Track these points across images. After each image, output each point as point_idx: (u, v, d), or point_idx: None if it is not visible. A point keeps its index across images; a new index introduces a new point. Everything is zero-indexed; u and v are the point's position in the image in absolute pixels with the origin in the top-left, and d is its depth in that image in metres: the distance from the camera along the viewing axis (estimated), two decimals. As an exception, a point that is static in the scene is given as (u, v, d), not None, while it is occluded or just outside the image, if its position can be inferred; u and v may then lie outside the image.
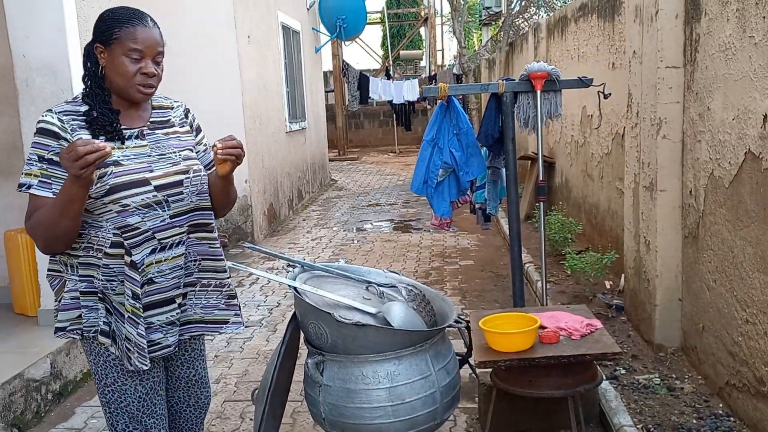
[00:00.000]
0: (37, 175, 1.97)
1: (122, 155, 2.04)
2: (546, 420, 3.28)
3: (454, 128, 4.08)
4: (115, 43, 2.01)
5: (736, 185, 3.13)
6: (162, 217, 2.07)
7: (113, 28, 2.02)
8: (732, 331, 3.22)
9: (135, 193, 2.02)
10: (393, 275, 3.24)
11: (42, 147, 1.98)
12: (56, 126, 1.98)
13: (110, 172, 2.00)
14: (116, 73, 2.03)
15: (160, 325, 2.11)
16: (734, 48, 3.13)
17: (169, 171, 2.10)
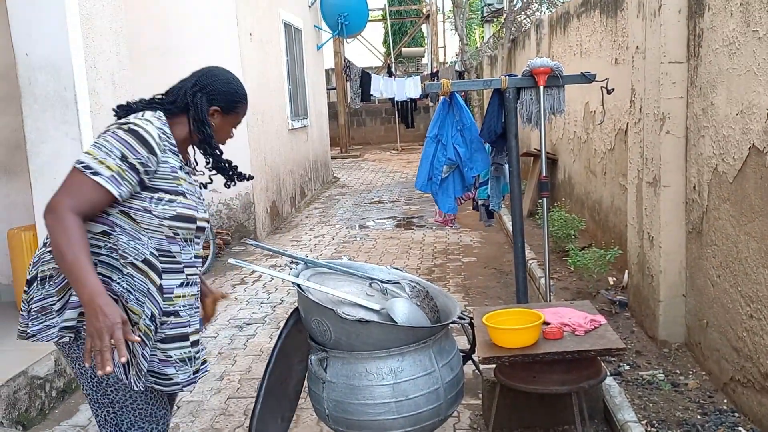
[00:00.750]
0: (112, 169, 1.93)
1: (186, 188, 2.12)
2: (550, 416, 3.27)
3: (457, 124, 4.07)
4: (233, 114, 2.23)
5: (740, 180, 3.13)
6: (190, 255, 2.16)
7: (238, 103, 2.22)
8: (736, 326, 3.21)
9: (186, 227, 2.11)
10: (396, 272, 3.24)
11: (130, 149, 1.96)
12: (154, 141, 2.01)
13: (179, 201, 2.08)
14: (219, 134, 2.22)
15: (176, 361, 2.11)
16: (738, 43, 3.12)
17: (205, 216, 2.21)
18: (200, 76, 2.20)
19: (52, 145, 4.18)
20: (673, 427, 3.10)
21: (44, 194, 4.21)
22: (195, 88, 2.16)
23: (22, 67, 4.14)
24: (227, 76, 2.23)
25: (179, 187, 2.07)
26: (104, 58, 4.49)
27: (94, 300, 1.82)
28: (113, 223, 2.01)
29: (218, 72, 2.23)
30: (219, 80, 2.19)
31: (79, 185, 1.92)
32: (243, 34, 7.89)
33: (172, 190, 2.06)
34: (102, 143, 1.97)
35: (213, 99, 2.17)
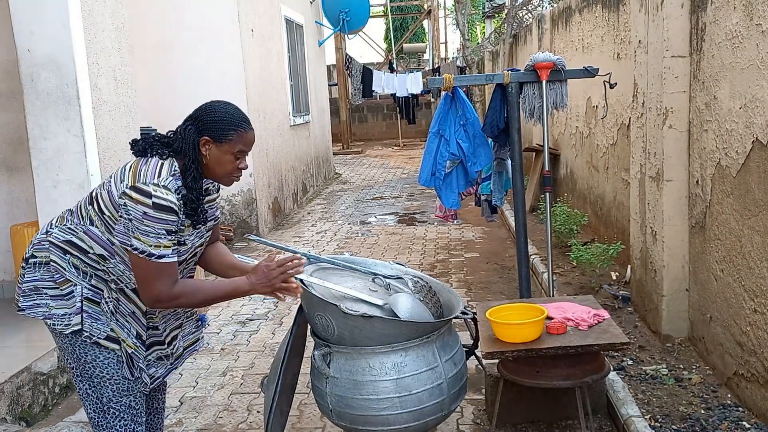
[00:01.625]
0: (169, 246, 2.12)
1: (188, 234, 2.23)
2: (553, 410, 3.28)
3: (460, 119, 4.07)
4: (226, 143, 2.18)
5: (744, 174, 3.12)
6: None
7: (228, 130, 2.18)
8: (740, 321, 3.21)
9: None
10: (399, 267, 3.24)
11: (168, 222, 2.09)
12: (176, 206, 2.11)
13: (177, 250, 2.19)
14: (218, 166, 2.21)
15: (154, 361, 2.35)
16: (741, 36, 3.11)
17: (197, 244, 2.32)
18: (196, 110, 2.23)
19: (55, 142, 4.18)
20: (677, 421, 3.10)
21: (47, 190, 4.22)
22: (188, 122, 2.20)
23: (24, 63, 4.14)
24: (222, 107, 2.21)
25: (181, 238, 2.19)
26: (106, 54, 4.48)
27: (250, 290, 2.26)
28: (113, 251, 2.18)
29: (214, 104, 2.23)
30: (210, 110, 2.20)
31: (159, 270, 2.12)
32: (244, 30, 7.88)
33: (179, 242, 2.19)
34: (145, 229, 2.07)
35: (202, 129, 2.17)
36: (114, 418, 2.28)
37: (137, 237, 2.08)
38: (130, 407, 2.29)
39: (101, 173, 4.33)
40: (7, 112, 4.94)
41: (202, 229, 2.31)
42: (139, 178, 2.10)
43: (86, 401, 2.29)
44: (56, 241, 2.22)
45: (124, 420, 2.28)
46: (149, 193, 2.06)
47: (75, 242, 2.20)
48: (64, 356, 2.30)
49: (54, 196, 4.19)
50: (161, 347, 2.35)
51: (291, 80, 10.13)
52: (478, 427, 3.33)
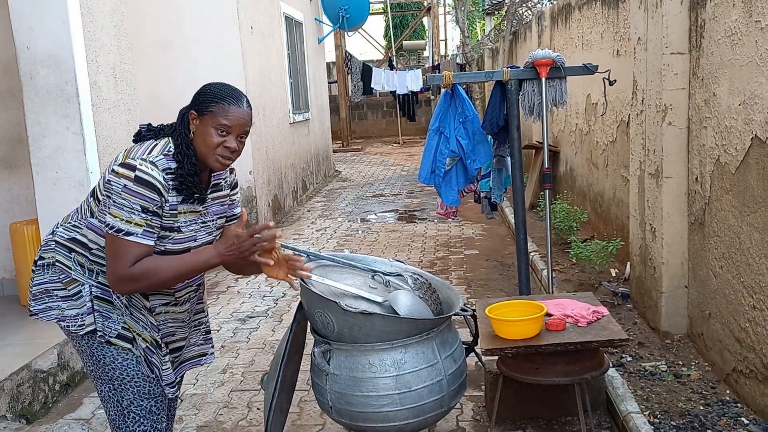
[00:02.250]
0: (141, 225, 2.03)
1: (184, 221, 2.16)
2: (552, 407, 3.28)
3: (459, 116, 4.07)
4: (207, 115, 2.11)
5: (743, 171, 3.12)
6: None
7: (210, 102, 2.11)
8: (739, 317, 3.22)
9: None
10: (399, 264, 3.24)
11: (146, 199, 2.03)
12: (161, 185, 2.05)
13: (172, 237, 2.14)
14: (202, 141, 2.12)
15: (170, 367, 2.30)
16: (740, 33, 3.11)
17: (206, 241, 2.25)
18: None
19: (54, 139, 4.18)
20: (676, 418, 3.11)
21: (46, 188, 4.22)
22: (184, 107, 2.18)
23: (23, 61, 4.14)
24: (214, 83, 2.18)
25: (174, 224, 2.13)
26: (105, 51, 4.48)
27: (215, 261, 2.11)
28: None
29: (209, 83, 2.20)
30: (203, 87, 2.17)
31: (121, 248, 2.04)
32: (244, 28, 7.87)
33: (168, 226, 2.12)
34: (122, 201, 2.02)
35: (191, 105, 2.16)
36: (133, 422, 2.23)
37: (111, 212, 2.02)
38: (151, 412, 2.25)
39: (101, 171, 4.33)
40: (6, 109, 4.94)
41: (210, 224, 2.26)
42: (128, 155, 2.09)
43: (107, 404, 2.25)
44: (61, 239, 2.20)
45: (143, 425, 2.24)
46: (134, 167, 2.03)
47: (79, 239, 2.18)
48: (83, 359, 2.26)
49: (53, 193, 4.19)
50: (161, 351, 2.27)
51: (291, 78, 10.13)
52: (478, 424, 3.33)
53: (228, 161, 2.16)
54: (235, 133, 2.13)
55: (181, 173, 2.10)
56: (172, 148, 2.12)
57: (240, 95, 2.17)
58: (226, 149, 2.13)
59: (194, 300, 2.38)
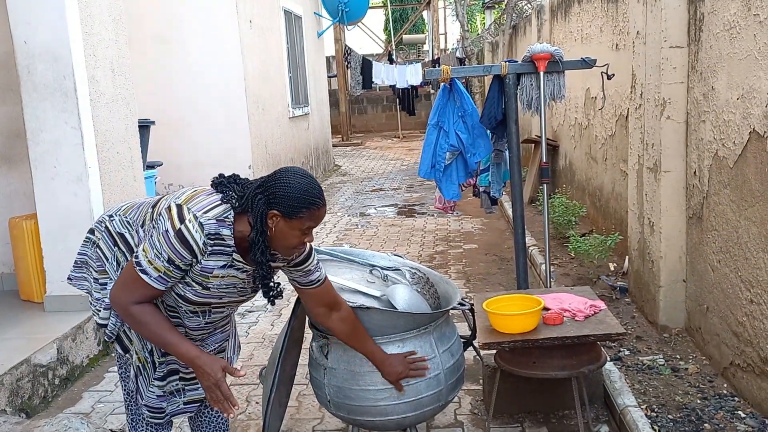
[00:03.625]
0: (159, 270, 2.02)
1: (218, 284, 2.12)
2: (550, 401, 3.29)
3: (458, 111, 4.06)
4: (296, 220, 2.04)
5: (741, 165, 3.12)
6: (199, 322, 2.24)
7: (302, 207, 2.03)
8: (737, 311, 3.22)
9: (191, 307, 2.18)
10: (397, 259, 3.25)
11: (177, 255, 2.01)
12: (198, 248, 2.02)
13: (196, 289, 2.10)
14: (282, 239, 2.07)
15: (167, 394, 2.31)
16: (739, 27, 3.10)
17: (233, 300, 2.23)
18: (268, 177, 2.10)
19: (52, 134, 4.18)
20: (673, 411, 3.12)
21: (44, 182, 4.22)
22: (258, 190, 2.06)
23: (20, 55, 4.14)
24: (297, 180, 2.05)
25: (204, 282, 2.09)
26: (104, 45, 4.48)
27: (194, 362, 2.06)
28: None
29: (289, 176, 2.07)
30: (283, 183, 2.04)
31: (132, 280, 2.05)
32: (243, 22, 7.86)
33: (196, 281, 2.09)
34: (157, 243, 2.01)
35: (272, 202, 2.03)
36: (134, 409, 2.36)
37: (144, 245, 2.04)
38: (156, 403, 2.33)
39: (99, 165, 4.33)
40: (4, 104, 4.93)
41: (247, 288, 2.22)
42: (189, 201, 2.05)
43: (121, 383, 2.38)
44: (112, 229, 2.23)
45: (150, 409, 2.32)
46: (183, 218, 2.00)
47: (127, 238, 2.20)
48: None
49: (52, 188, 4.19)
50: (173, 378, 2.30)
51: (290, 72, 10.11)
52: (476, 418, 3.34)
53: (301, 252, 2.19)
54: (316, 227, 2.11)
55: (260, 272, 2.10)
56: (230, 217, 2.05)
57: (322, 192, 2.10)
58: (303, 244, 2.11)
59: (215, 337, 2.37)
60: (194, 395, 2.36)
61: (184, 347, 2.07)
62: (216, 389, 2.04)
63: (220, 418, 2.57)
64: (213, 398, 2.07)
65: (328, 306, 2.43)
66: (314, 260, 2.33)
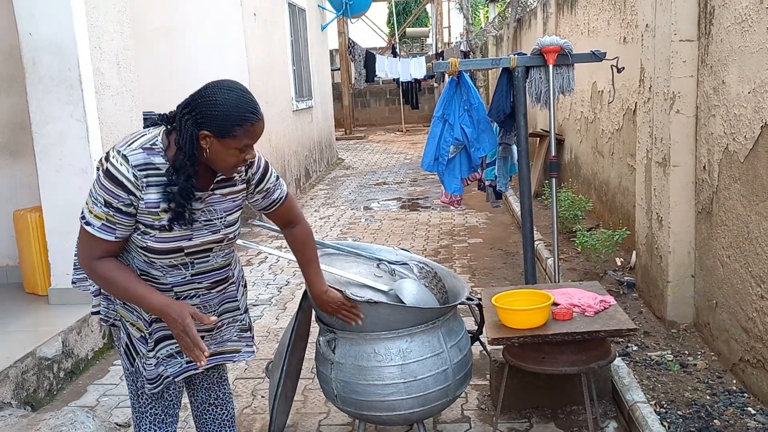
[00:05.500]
0: (100, 218, 1.95)
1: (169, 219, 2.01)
2: (558, 396, 3.27)
3: (465, 104, 4.03)
4: (230, 139, 1.92)
5: (752, 159, 3.09)
6: (183, 275, 2.12)
7: (234, 126, 1.91)
8: (746, 306, 3.19)
9: (165, 257, 2.06)
10: (404, 253, 3.22)
11: (111, 194, 1.92)
12: (130, 182, 1.92)
13: (154, 234, 2.00)
14: (220, 159, 1.96)
15: (162, 359, 2.20)
16: (751, 20, 3.07)
17: (206, 240, 2.10)
18: (195, 94, 1.96)
19: (57, 126, 4.16)
20: (682, 407, 3.10)
21: (49, 175, 4.20)
22: (186, 110, 1.94)
23: (26, 47, 4.11)
24: (224, 96, 1.92)
25: (156, 222, 1.98)
26: (108, 38, 4.45)
27: (163, 311, 1.99)
28: None
29: (216, 91, 1.93)
30: (211, 101, 1.91)
31: (84, 238, 2.00)
32: (247, 14, 7.82)
33: (148, 224, 1.99)
34: (92, 190, 1.96)
35: (201, 123, 1.91)
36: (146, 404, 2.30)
37: (86, 199, 1.99)
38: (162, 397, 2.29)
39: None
40: (9, 96, 4.91)
41: (216, 222, 2.10)
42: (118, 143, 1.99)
43: (126, 381, 2.33)
44: None
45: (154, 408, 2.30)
46: (107, 158, 1.94)
47: None
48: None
49: (57, 181, 4.17)
50: (171, 342, 2.18)
51: (294, 65, 10.08)
52: (483, 413, 3.33)
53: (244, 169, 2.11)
54: (254, 143, 2.00)
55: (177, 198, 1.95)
56: (159, 143, 1.96)
57: (257, 105, 1.97)
58: (244, 162, 2.01)
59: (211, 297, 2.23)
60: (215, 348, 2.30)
61: (155, 297, 1.99)
62: (185, 336, 1.96)
63: (225, 415, 2.54)
64: (184, 346, 1.99)
65: (290, 223, 2.40)
66: (272, 177, 2.25)
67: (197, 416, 2.54)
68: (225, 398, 2.53)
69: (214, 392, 2.50)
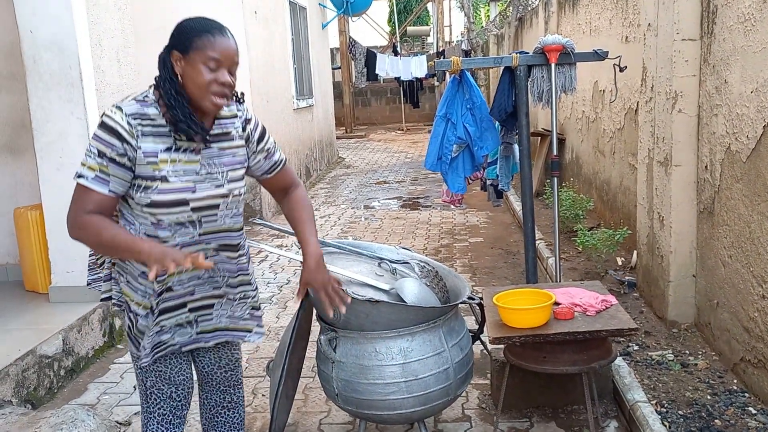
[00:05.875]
0: (94, 169, 1.94)
1: (172, 170, 2.01)
2: (559, 396, 3.27)
3: (467, 103, 4.02)
4: (193, 52, 1.96)
5: (754, 159, 3.08)
6: (191, 234, 2.09)
7: (194, 36, 1.97)
8: (748, 306, 3.19)
9: (171, 212, 2.03)
10: (405, 252, 3.22)
11: (105, 144, 1.94)
12: (124, 129, 1.94)
13: (156, 187, 1.99)
14: (192, 83, 1.97)
15: (170, 327, 2.17)
16: (754, 19, 3.06)
17: (210, 194, 2.08)
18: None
19: (58, 125, 4.15)
20: (683, 407, 3.09)
21: (50, 173, 4.20)
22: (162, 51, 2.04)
23: (26, 45, 4.10)
24: (188, 19, 2.03)
25: (156, 173, 1.98)
26: (109, 36, 4.44)
27: (153, 253, 1.89)
28: (118, 209, 2.08)
29: (183, 20, 2.04)
30: (178, 24, 2.03)
31: (77, 193, 1.97)
32: (248, 12, 7.81)
33: (148, 176, 1.98)
34: (88, 146, 1.97)
35: (171, 45, 2.00)
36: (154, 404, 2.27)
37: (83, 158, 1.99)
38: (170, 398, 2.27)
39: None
40: (9, 94, 4.90)
41: (218, 176, 2.09)
42: None
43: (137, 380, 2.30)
44: None
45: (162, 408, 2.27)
46: (104, 113, 1.96)
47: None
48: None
49: (57, 179, 4.17)
50: (181, 312, 2.15)
51: (294, 63, 10.07)
52: (483, 412, 3.32)
53: (223, 99, 2.01)
54: (226, 66, 1.98)
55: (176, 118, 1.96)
56: (150, 95, 2.01)
57: (222, 25, 2.03)
58: (220, 85, 1.98)
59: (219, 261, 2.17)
60: (206, 326, 2.24)
61: (139, 244, 1.93)
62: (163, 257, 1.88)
63: (236, 418, 2.51)
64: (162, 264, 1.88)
65: (291, 185, 2.38)
66: (271, 138, 2.30)
67: (208, 418, 2.49)
68: (238, 402, 2.50)
69: (229, 395, 2.46)
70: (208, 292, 2.19)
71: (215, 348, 2.38)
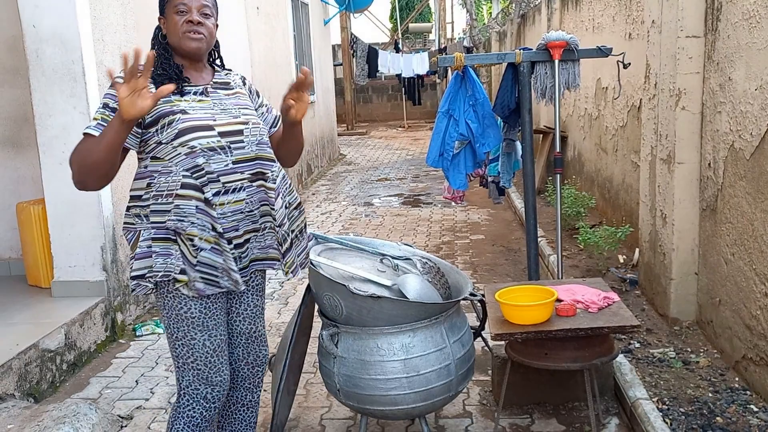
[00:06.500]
0: (96, 119, 2.11)
1: (188, 106, 2.20)
2: (560, 392, 3.27)
3: (470, 99, 4.01)
4: (167, 8, 2.23)
5: (758, 157, 3.08)
6: (225, 162, 2.19)
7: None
8: (750, 304, 3.19)
9: (201, 136, 2.16)
10: (407, 248, 3.22)
11: (111, 97, 2.11)
12: None
13: (178, 119, 2.15)
14: (172, 33, 2.23)
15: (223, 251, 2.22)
16: (758, 16, 3.05)
17: (231, 121, 2.25)
18: None
19: (61, 119, 4.15)
20: (684, 404, 3.09)
21: (53, 168, 4.20)
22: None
23: (29, 39, 4.10)
24: None
25: (175, 107, 2.16)
26: (112, 30, 4.44)
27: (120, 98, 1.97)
28: (151, 172, 2.18)
29: None
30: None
31: (80, 142, 2.13)
32: (250, 8, 7.81)
33: (168, 111, 2.15)
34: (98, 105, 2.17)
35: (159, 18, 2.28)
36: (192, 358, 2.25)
37: None
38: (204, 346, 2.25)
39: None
40: (12, 88, 4.90)
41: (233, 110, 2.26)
42: None
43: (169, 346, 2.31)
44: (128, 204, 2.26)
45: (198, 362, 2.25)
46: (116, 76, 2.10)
47: (133, 195, 2.23)
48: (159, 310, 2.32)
49: (60, 173, 4.17)
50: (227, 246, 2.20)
51: (296, 59, 10.06)
52: (484, 408, 3.33)
53: (197, 35, 2.21)
54: (194, 10, 2.20)
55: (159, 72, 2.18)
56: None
57: None
58: (189, 23, 2.20)
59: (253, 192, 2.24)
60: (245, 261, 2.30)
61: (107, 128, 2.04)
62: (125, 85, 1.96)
63: (252, 418, 2.55)
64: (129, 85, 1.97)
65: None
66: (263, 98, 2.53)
67: (226, 416, 2.53)
68: (256, 402, 2.56)
69: (251, 394, 2.52)
70: (249, 227, 2.27)
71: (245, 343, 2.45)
